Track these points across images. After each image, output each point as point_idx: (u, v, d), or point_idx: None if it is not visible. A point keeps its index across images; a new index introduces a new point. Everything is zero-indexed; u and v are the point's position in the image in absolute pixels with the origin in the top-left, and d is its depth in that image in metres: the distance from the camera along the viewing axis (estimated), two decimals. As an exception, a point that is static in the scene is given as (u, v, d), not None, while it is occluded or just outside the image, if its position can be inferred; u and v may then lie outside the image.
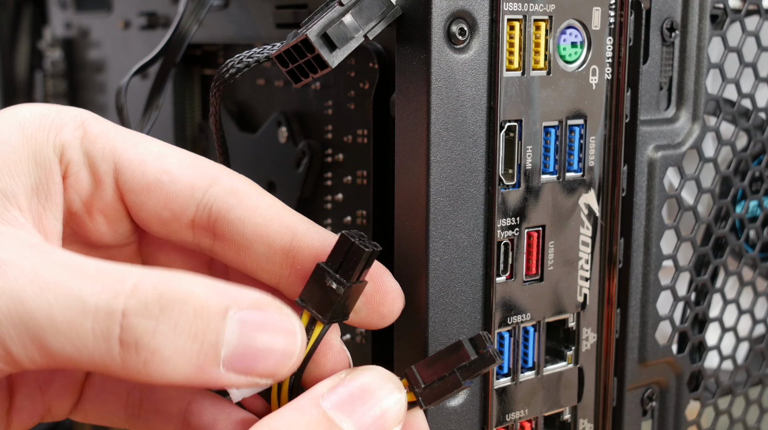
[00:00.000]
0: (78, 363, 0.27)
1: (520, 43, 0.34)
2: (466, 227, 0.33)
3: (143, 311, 0.26)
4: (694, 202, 0.41)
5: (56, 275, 0.27)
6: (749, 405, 0.46)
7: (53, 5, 0.66)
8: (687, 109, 0.40)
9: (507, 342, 0.35)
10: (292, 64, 0.33)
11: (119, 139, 0.32)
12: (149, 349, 0.26)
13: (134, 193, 0.32)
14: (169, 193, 0.32)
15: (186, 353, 0.27)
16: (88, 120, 0.32)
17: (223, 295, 0.28)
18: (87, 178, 0.32)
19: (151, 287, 0.27)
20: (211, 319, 0.27)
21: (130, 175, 0.32)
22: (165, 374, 0.27)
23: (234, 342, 0.27)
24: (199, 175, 0.32)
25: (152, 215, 0.33)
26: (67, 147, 0.32)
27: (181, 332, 0.27)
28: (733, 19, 0.41)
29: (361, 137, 0.39)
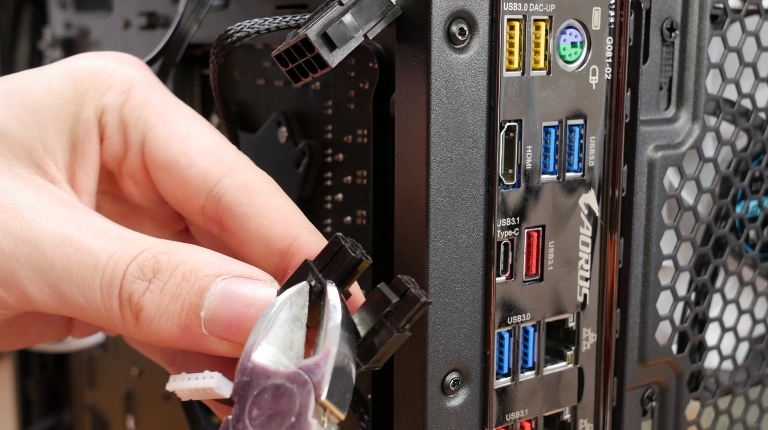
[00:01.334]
0: (87, 314, 0.30)
1: (520, 43, 0.34)
2: (466, 227, 0.33)
3: (138, 274, 0.29)
4: (694, 202, 0.40)
5: (80, 233, 0.30)
6: (749, 405, 0.46)
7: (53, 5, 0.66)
8: (687, 109, 0.40)
9: (507, 342, 0.35)
10: (291, 63, 0.33)
11: (155, 112, 0.34)
12: (138, 306, 0.29)
13: (155, 168, 0.34)
14: (183, 177, 0.33)
15: (170, 313, 0.29)
16: (135, 86, 0.34)
17: (214, 264, 0.30)
18: (119, 142, 0.34)
19: (151, 254, 0.30)
20: (197, 283, 0.29)
21: (154, 150, 0.34)
22: (153, 331, 0.30)
23: (214, 305, 0.29)
24: (216, 163, 0.33)
25: (169, 192, 0.34)
26: (107, 110, 0.33)
27: (167, 293, 0.29)
28: (733, 19, 0.41)
29: (361, 137, 0.39)
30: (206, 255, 0.30)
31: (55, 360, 0.74)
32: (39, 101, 0.32)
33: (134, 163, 0.34)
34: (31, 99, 0.32)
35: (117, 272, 0.29)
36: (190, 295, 0.29)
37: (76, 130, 0.33)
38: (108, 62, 0.34)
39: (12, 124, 0.32)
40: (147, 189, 0.35)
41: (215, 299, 0.29)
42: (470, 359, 0.34)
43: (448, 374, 0.34)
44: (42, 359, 0.74)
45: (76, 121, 0.33)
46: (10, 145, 0.31)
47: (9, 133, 0.31)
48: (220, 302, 0.29)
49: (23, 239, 0.29)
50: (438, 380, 0.34)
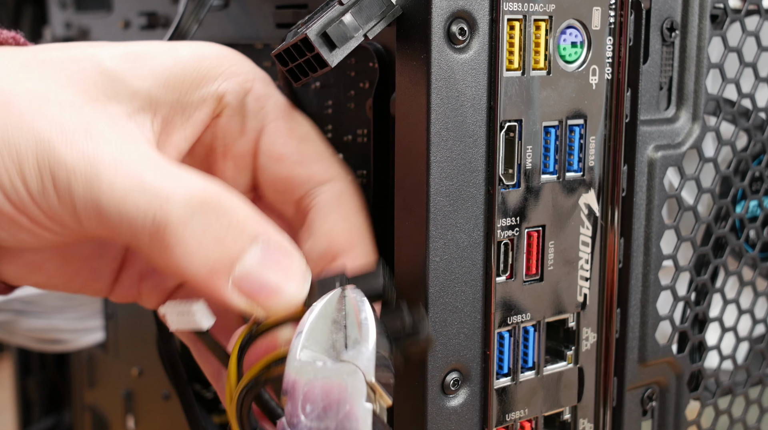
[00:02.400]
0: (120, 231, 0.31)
1: (520, 43, 0.34)
2: (466, 227, 0.33)
3: (183, 204, 0.30)
4: (694, 202, 0.40)
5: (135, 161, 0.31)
6: (749, 405, 0.46)
7: (53, 5, 0.66)
8: (687, 109, 0.40)
9: (507, 342, 0.35)
10: (291, 63, 0.33)
11: (276, 108, 0.37)
12: (176, 236, 0.30)
13: (266, 157, 0.36)
14: (292, 172, 0.36)
15: (205, 253, 0.30)
16: (258, 80, 0.37)
17: (260, 224, 0.31)
18: (236, 125, 0.37)
19: (202, 189, 0.31)
20: (241, 236, 0.30)
21: (270, 140, 0.36)
22: (181, 264, 0.30)
23: (250, 264, 0.31)
24: (324, 169, 0.36)
25: (271, 181, 0.37)
26: (229, 93, 0.36)
27: (209, 234, 0.30)
28: (733, 19, 0.41)
29: (361, 137, 0.39)
30: (251, 210, 0.32)
31: (55, 360, 0.74)
32: (161, 62, 0.35)
33: (244, 148, 0.37)
34: (154, 59, 0.35)
35: (159, 195, 0.30)
36: (232, 246, 0.30)
37: (191, 95, 0.35)
38: (234, 54, 0.37)
39: (127, 74, 0.34)
40: (242, 175, 0.38)
41: (254, 259, 0.31)
42: (470, 359, 0.34)
43: (448, 374, 0.34)
44: (42, 359, 0.74)
45: (194, 89, 0.35)
46: (117, 89, 0.34)
47: (121, 79, 0.34)
48: (257, 264, 0.31)
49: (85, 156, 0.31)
50: (438, 380, 0.34)
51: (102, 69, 0.34)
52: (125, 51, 0.35)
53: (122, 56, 0.35)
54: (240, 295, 0.31)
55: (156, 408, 0.57)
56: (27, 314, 0.59)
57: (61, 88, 0.33)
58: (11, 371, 0.76)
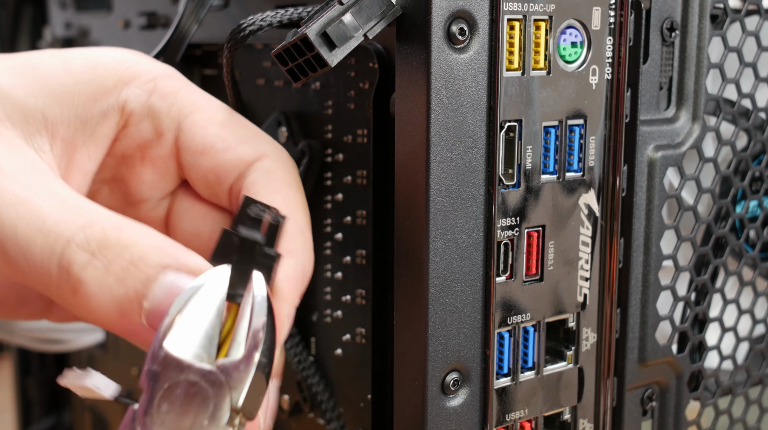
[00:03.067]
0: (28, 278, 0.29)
1: (520, 43, 0.34)
2: (466, 227, 0.33)
3: (83, 245, 0.28)
4: (694, 202, 0.40)
5: (36, 197, 0.29)
6: (749, 405, 0.46)
7: (53, 5, 0.66)
8: (687, 109, 0.40)
9: (507, 342, 0.35)
10: (291, 62, 0.33)
11: (187, 101, 0.35)
12: (79, 278, 0.28)
13: (189, 153, 0.35)
14: (219, 160, 0.34)
15: (111, 294, 0.28)
16: (161, 76, 0.35)
17: (165, 253, 0.29)
18: (149, 129, 0.35)
19: (100, 226, 0.29)
20: (145, 270, 0.28)
21: (190, 136, 0.35)
22: (91, 309, 0.29)
23: (159, 299, 0.28)
24: (251, 150, 0.34)
25: (201, 176, 0.35)
26: (132, 99, 0.34)
27: (111, 273, 0.28)
28: (733, 19, 0.41)
29: (361, 137, 0.39)
30: (158, 240, 0.30)
31: (55, 360, 0.74)
32: (53, 75, 0.33)
33: (163, 149, 0.35)
34: (45, 73, 0.33)
35: (60, 237, 0.29)
36: (135, 282, 0.29)
37: (89, 110, 0.33)
38: (130, 54, 0.35)
39: (17, 91, 0.32)
40: (164, 177, 0.36)
41: (161, 292, 0.29)
42: (470, 359, 0.34)
43: (448, 374, 0.34)
44: (42, 359, 0.74)
45: (92, 102, 0.33)
46: (9, 109, 0.32)
47: (12, 98, 0.32)
48: (166, 296, 0.29)
49: None
50: (438, 380, 0.34)
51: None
52: (12, 65, 0.33)
53: (10, 71, 0.33)
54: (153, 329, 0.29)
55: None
56: (27, 314, 0.59)
57: None
58: (11, 371, 0.76)
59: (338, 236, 0.40)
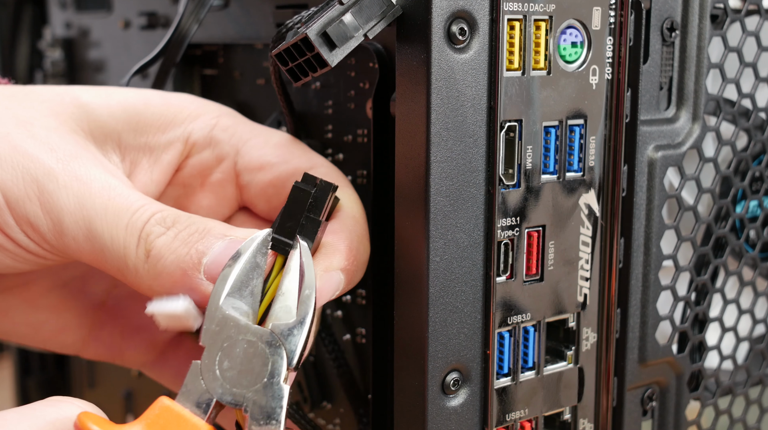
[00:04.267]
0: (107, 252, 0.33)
1: (520, 43, 0.34)
2: (466, 227, 0.33)
3: (160, 220, 0.33)
4: (694, 202, 0.40)
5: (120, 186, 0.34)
6: (749, 405, 0.46)
7: (53, 5, 0.66)
8: (687, 109, 0.40)
9: (507, 342, 0.35)
10: (291, 62, 0.33)
11: (246, 130, 0.39)
12: (151, 244, 0.33)
13: (248, 172, 0.38)
14: (275, 173, 0.38)
15: (177, 254, 0.33)
16: (224, 115, 0.39)
17: (227, 227, 0.33)
18: (210, 156, 0.39)
19: (174, 211, 0.34)
20: (208, 236, 0.33)
21: (248, 157, 0.38)
22: (158, 271, 0.33)
23: (217, 253, 0.32)
24: (306, 161, 0.37)
25: (260, 191, 0.38)
26: (196, 131, 0.38)
27: (179, 239, 0.33)
28: (733, 19, 0.41)
29: (361, 137, 0.39)
30: (221, 223, 0.34)
31: (55, 360, 0.74)
32: (134, 103, 0.38)
33: (223, 176, 0.39)
34: (128, 100, 0.38)
35: (143, 216, 0.33)
36: (198, 244, 0.33)
37: (157, 138, 0.38)
38: (199, 99, 0.40)
39: (103, 111, 0.37)
40: (222, 204, 0.40)
41: (219, 248, 0.32)
42: (470, 359, 0.34)
43: (448, 374, 0.34)
44: (42, 359, 0.74)
45: (161, 132, 0.38)
46: (93, 127, 0.37)
47: (97, 117, 0.37)
48: (223, 250, 0.32)
49: (76, 176, 0.34)
50: (438, 380, 0.34)
51: (79, 103, 0.37)
52: (101, 90, 0.38)
53: (97, 92, 0.38)
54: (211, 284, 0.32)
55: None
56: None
57: (45, 116, 0.35)
58: (11, 372, 0.76)
59: (338, 236, 0.40)
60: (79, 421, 0.29)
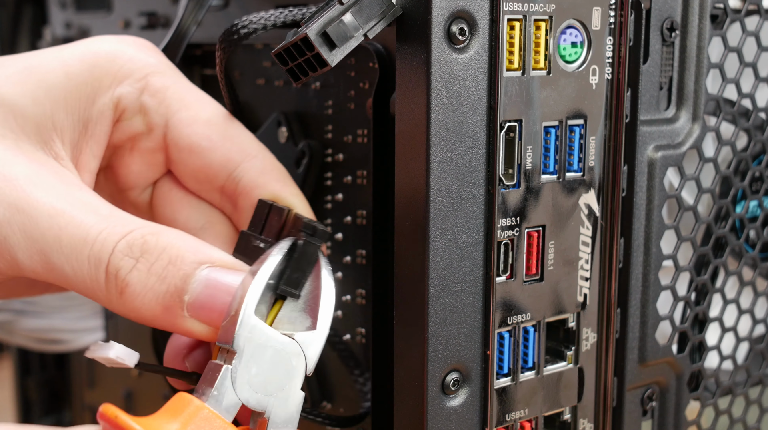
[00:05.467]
0: (72, 283, 0.32)
1: (520, 43, 0.34)
2: (466, 227, 0.33)
3: (128, 251, 0.31)
4: (694, 202, 0.40)
5: (73, 208, 0.31)
6: (749, 405, 0.46)
7: (53, 5, 0.66)
8: (687, 109, 0.40)
9: (507, 342, 0.35)
10: (291, 62, 0.33)
11: (176, 98, 0.36)
12: (125, 281, 0.31)
13: (177, 150, 0.37)
14: (206, 159, 0.36)
15: (154, 292, 0.31)
16: (153, 74, 0.36)
17: (199, 252, 0.32)
18: (140, 124, 0.36)
19: (140, 235, 0.31)
20: (183, 268, 0.31)
21: (177, 134, 0.36)
22: (136, 307, 0.31)
23: (198, 291, 0.31)
24: (237, 149, 0.36)
25: (189, 172, 0.37)
26: (125, 97, 0.36)
27: (153, 273, 0.31)
28: (733, 19, 0.41)
29: (361, 137, 0.39)
30: (191, 242, 0.32)
31: (55, 360, 0.74)
32: (55, 81, 0.34)
33: (151, 145, 0.37)
34: (47, 78, 0.34)
35: (106, 247, 0.31)
36: (175, 279, 0.31)
37: (89, 111, 0.35)
38: (125, 48, 0.36)
39: (26, 101, 0.33)
40: (152, 168, 0.38)
41: (199, 285, 0.31)
42: (470, 359, 0.34)
43: (448, 374, 0.34)
44: (42, 359, 0.74)
45: (91, 104, 0.35)
46: (21, 121, 0.33)
47: (22, 110, 0.33)
48: (204, 289, 0.31)
49: (18, 208, 0.31)
50: (438, 380, 0.34)
51: None
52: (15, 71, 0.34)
53: (14, 79, 0.34)
54: (198, 322, 0.32)
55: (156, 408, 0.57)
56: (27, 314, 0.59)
57: None
58: (11, 372, 0.76)
59: (338, 236, 0.40)
60: (104, 410, 0.30)
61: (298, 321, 0.32)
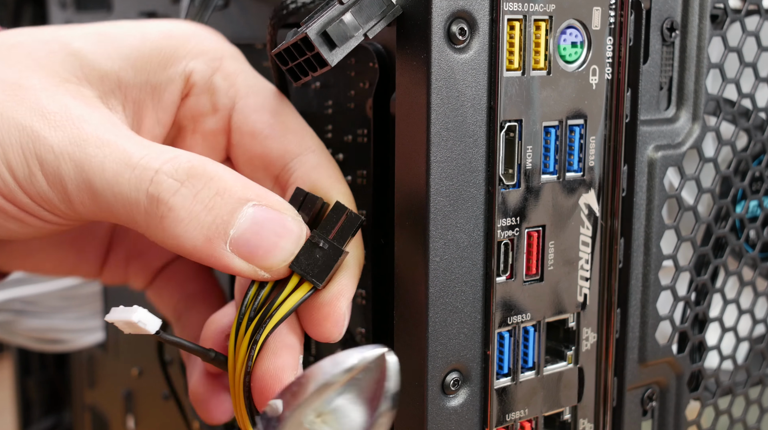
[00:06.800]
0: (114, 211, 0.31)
1: (520, 43, 0.34)
2: (466, 227, 0.33)
3: (172, 174, 0.31)
4: (694, 202, 0.40)
5: (120, 139, 0.32)
6: (749, 405, 0.46)
7: (53, 5, 0.66)
8: (687, 109, 0.40)
9: (507, 342, 0.35)
10: (291, 62, 0.33)
11: (246, 84, 0.37)
12: (168, 205, 0.30)
13: (239, 134, 0.37)
14: (266, 147, 0.37)
15: (199, 221, 0.31)
16: (227, 57, 0.37)
17: (248, 188, 0.32)
18: (206, 104, 0.37)
19: (187, 159, 0.31)
20: (230, 201, 0.31)
21: (242, 118, 0.37)
22: (177, 234, 0.31)
23: (244, 227, 0.31)
24: (297, 142, 0.36)
25: (247, 158, 0.37)
26: (197, 72, 0.36)
27: (200, 201, 0.31)
28: (733, 19, 0.41)
29: (361, 137, 0.39)
30: (239, 177, 0.32)
31: (55, 360, 0.74)
32: (129, 42, 0.35)
33: (215, 126, 0.37)
34: (123, 39, 0.35)
35: (149, 169, 0.31)
36: (222, 211, 0.31)
37: (159, 76, 0.36)
38: (203, 30, 0.37)
39: (95, 55, 0.34)
40: (213, 152, 0.38)
41: (246, 221, 0.31)
42: (470, 359, 0.34)
43: (448, 374, 0.34)
44: (42, 359, 0.74)
45: (162, 69, 0.36)
46: (87, 71, 0.34)
47: (90, 61, 0.34)
48: (251, 225, 0.31)
49: (71, 140, 0.31)
50: (438, 380, 0.34)
51: (70, 50, 0.34)
52: (92, 31, 0.35)
53: (89, 36, 0.35)
54: (239, 258, 0.31)
55: (156, 408, 0.57)
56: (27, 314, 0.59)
57: (33, 71, 0.33)
58: (11, 371, 0.76)
59: (338, 236, 0.40)
60: None
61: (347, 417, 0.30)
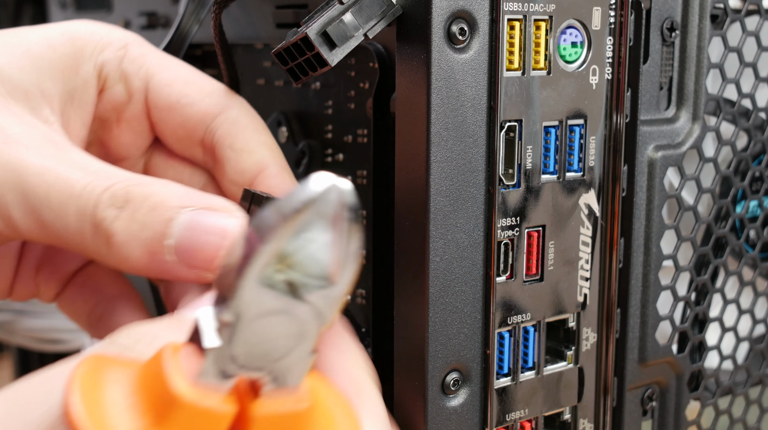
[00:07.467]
0: (65, 239, 0.32)
1: (520, 43, 0.34)
2: (466, 227, 0.33)
3: (111, 202, 0.32)
4: (694, 202, 0.40)
5: (61, 165, 0.32)
6: (749, 405, 0.46)
7: (53, 5, 0.66)
8: (687, 109, 0.40)
9: (507, 342, 0.35)
10: (291, 62, 0.33)
11: (155, 63, 0.38)
12: (110, 231, 0.32)
13: (158, 110, 0.38)
14: (185, 115, 0.37)
15: (139, 239, 0.32)
16: (131, 43, 0.38)
17: (180, 196, 0.32)
18: (122, 92, 0.38)
19: (124, 185, 0.32)
20: (164, 212, 0.32)
21: (157, 94, 0.38)
22: (124, 256, 0.32)
23: (179, 234, 0.31)
24: (214, 102, 0.37)
25: (171, 131, 0.38)
26: (106, 64, 0.37)
27: (136, 221, 0.32)
28: (733, 19, 0.41)
29: (361, 137, 0.39)
30: (174, 188, 0.32)
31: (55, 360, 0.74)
32: (38, 52, 0.36)
33: (136, 109, 0.38)
34: (32, 49, 0.36)
35: (90, 199, 0.32)
36: (157, 223, 0.32)
37: (73, 81, 0.37)
38: (101, 26, 0.38)
39: (12, 69, 0.35)
40: (140, 136, 0.39)
41: (181, 228, 0.32)
42: (470, 359, 0.34)
43: (448, 374, 0.34)
44: (42, 359, 0.74)
45: (74, 73, 0.37)
46: (9, 87, 0.35)
47: (9, 76, 0.35)
48: (185, 230, 0.31)
49: (10, 167, 0.32)
50: (438, 380, 0.34)
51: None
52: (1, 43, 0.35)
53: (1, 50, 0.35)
54: (184, 266, 0.32)
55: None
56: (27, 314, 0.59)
57: None
58: (11, 371, 0.76)
59: (338, 236, 0.40)
60: None
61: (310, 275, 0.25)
